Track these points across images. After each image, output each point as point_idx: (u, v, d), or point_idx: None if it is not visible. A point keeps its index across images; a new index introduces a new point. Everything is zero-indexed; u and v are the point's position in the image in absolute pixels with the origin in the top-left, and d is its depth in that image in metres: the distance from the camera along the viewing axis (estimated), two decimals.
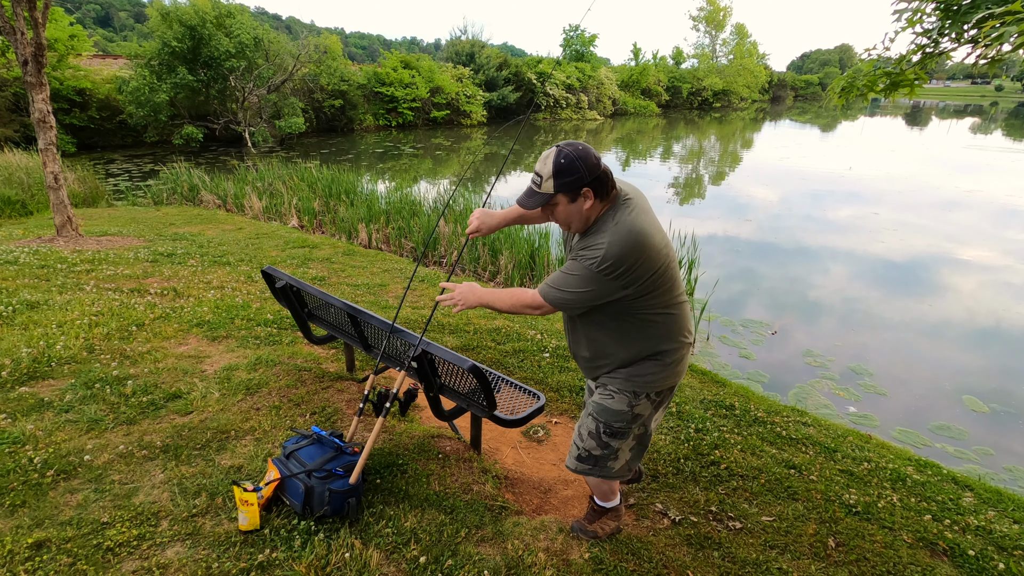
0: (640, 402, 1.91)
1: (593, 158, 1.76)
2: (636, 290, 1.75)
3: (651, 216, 1.85)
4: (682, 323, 1.89)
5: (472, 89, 33.92)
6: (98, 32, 61.61)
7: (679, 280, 1.89)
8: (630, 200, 1.82)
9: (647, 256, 1.74)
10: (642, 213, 1.81)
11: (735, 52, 60.09)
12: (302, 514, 2.04)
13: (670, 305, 1.84)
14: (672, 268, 1.82)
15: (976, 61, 2.80)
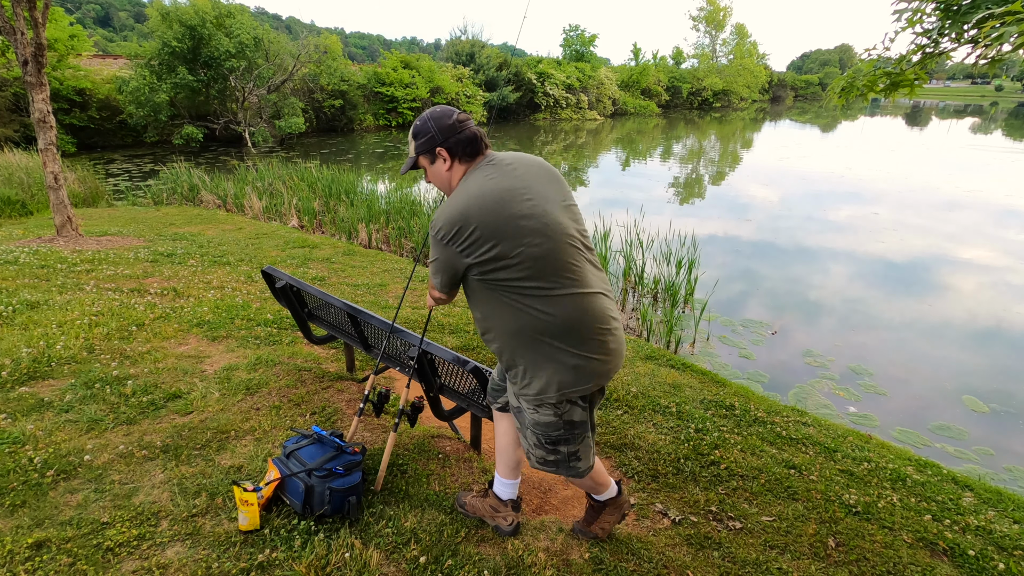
0: (566, 409, 1.73)
1: (449, 118, 1.68)
2: (480, 261, 1.58)
3: (517, 182, 1.62)
4: (581, 326, 1.63)
5: (472, 89, 33.92)
6: (98, 32, 61.61)
7: (570, 268, 1.62)
8: (493, 163, 1.66)
9: (485, 222, 1.56)
10: (502, 177, 1.62)
11: (735, 52, 60.12)
12: (302, 514, 2.04)
13: (553, 295, 1.60)
14: (547, 249, 1.58)
15: (976, 61, 2.80)
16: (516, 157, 1.71)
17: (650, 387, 3.69)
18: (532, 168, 1.69)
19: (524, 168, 1.68)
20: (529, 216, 1.58)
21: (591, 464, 1.90)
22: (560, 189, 1.71)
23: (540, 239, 1.58)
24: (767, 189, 14.73)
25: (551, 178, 1.71)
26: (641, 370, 4.00)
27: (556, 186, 1.70)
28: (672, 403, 3.45)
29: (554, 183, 1.70)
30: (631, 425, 3.14)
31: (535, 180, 1.66)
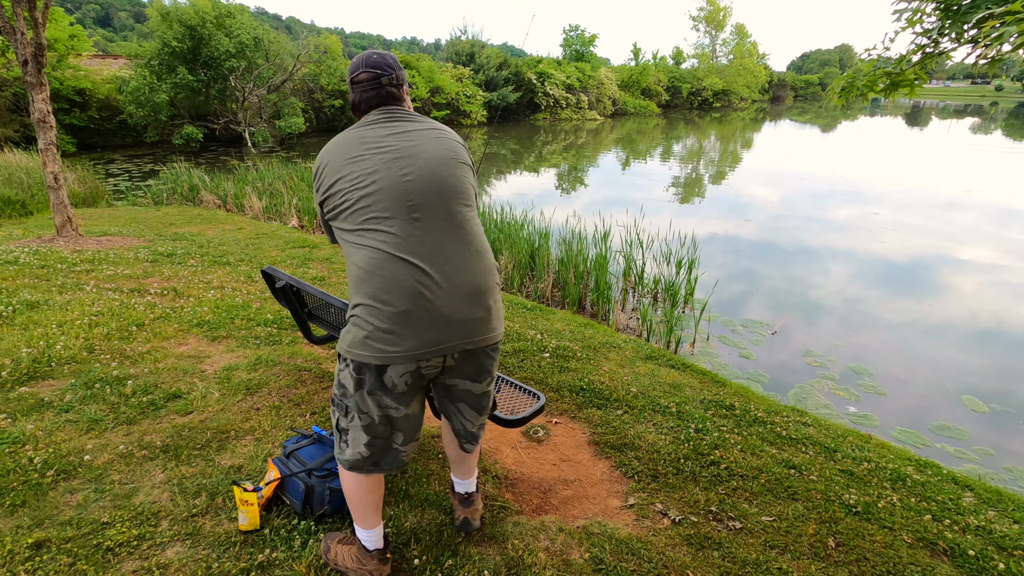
0: (342, 367, 1.58)
1: (351, 70, 1.70)
2: (324, 202, 1.62)
3: (381, 130, 1.61)
4: (374, 270, 1.48)
5: (472, 89, 33.92)
6: (98, 32, 61.62)
7: (383, 198, 1.51)
8: (367, 116, 1.67)
9: (331, 161, 1.58)
10: (365, 126, 1.63)
11: (735, 52, 60.12)
12: (302, 513, 2.04)
13: (358, 231, 1.51)
14: (364, 184, 1.51)
15: (976, 61, 2.80)
16: (410, 116, 1.68)
17: (650, 387, 3.69)
18: (419, 124, 1.66)
19: (412, 123, 1.65)
20: (377, 154, 1.55)
21: (351, 462, 1.66)
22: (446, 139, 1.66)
23: (371, 183, 1.52)
24: (767, 189, 14.73)
25: (448, 139, 1.67)
26: (641, 370, 4.01)
27: (453, 143, 1.67)
28: (672, 403, 3.45)
29: (451, 142, 1.67)
30: (631, 425, 3.15)
31: (412, 137, 1.61)
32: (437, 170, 1.58)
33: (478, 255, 1.59)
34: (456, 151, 1.67)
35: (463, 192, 1.62)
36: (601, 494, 2.59)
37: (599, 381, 3.65)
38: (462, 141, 1.74)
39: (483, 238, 1.65)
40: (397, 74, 1.70)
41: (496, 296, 1.63)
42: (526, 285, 6.96)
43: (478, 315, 1.56)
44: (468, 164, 1.70)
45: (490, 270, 1.62)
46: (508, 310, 5.15)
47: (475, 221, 1.64)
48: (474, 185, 1.70)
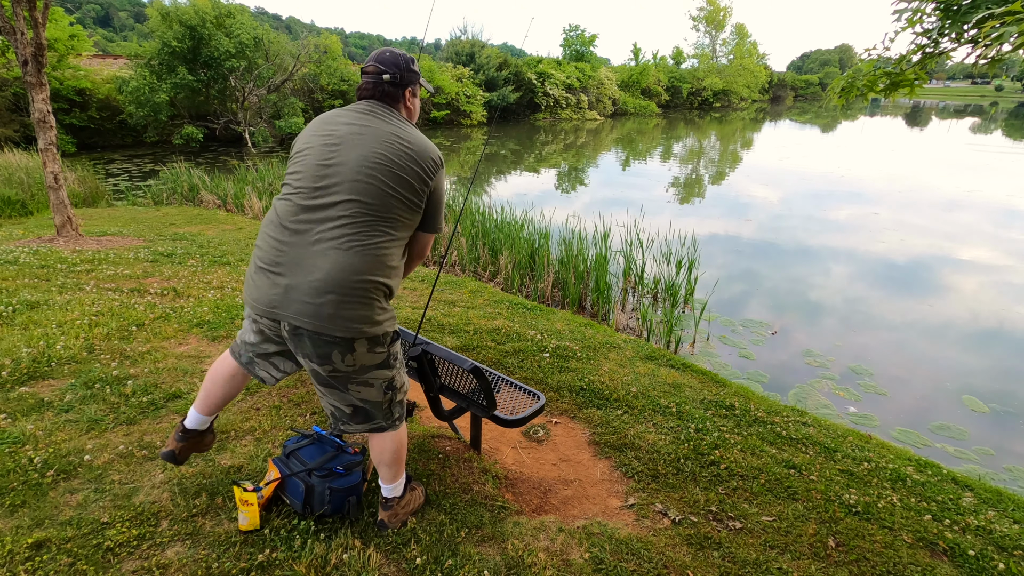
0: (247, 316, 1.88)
1: (367, 60, 1.87)
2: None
3: (340, 115, 1.77)
4: (265, 227, 1.73)
5: (472, 89, 33.92)
6: (98, 32, 61.60)
7: (304, 170, 1.69)
8: (354, 103, 1.82)
9: (302, 134, 1.78)
10: (343, 110, 1.79)
11: (735, 52, 60.12)
12: (302, 513, 2.04)
13: (280, 195, 1.76)
14: (298, 159, 1.73)
15: (976, 61, 2.80)
16: (388, 115, 1.76)
17: (650, 387, 3.69)
18: (387, 125, 1.74)
19: (381, 120, 1.74)
20: (330, 130, 1.72)
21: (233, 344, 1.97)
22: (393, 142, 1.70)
23: (302, 160, 1.72)
24: (767, 189, 14.74)
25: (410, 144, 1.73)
26: (641, 370, 4.01)
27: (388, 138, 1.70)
28: (672, 403, 3.45)
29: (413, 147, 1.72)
30: (631, 425, 3.15)
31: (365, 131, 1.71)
32: (360, 171, 1.65)
33: (347, 256, 1.63)
34: (405, 166, 1.69)
35: (377, 202, 1.66)
36: (601, 494, 2.59)
37: (599, 381, 3.65)
38: (429, 162, 1.75)
39: (373, 249, 1.66)
40: (403, 75, 1.79)
41: (349, 299, 1.64)
42: (526, 285, 6.96)
43: (317, 302, 1.62)
44: (413, 182, 1.71)
45: (352, 274, 1.63)
46: (508, 310, 5.16)
47: (374, 231, 1.66)
48: (411, 204, 1.73)
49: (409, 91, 1.81)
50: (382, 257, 1.68)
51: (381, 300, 1.72)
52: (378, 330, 1.73)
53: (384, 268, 1.69)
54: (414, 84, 1.83)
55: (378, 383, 1.82)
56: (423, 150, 1.74)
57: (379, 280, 1.68)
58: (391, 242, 1.70)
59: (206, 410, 2.04)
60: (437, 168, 1.78)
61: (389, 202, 1.67)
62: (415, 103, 1.87)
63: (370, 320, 1.69)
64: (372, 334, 1.71)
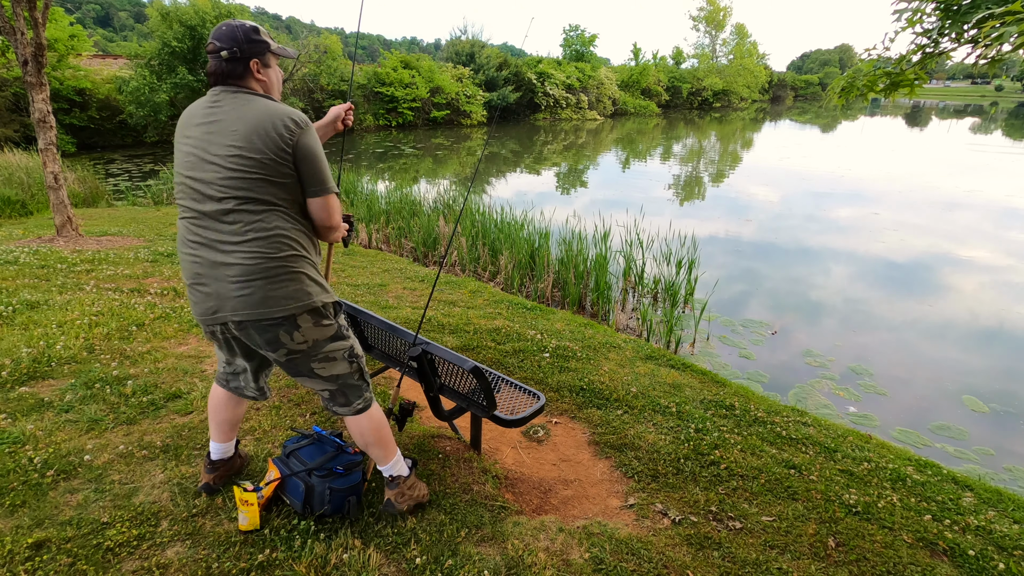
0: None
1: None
2: None
3: (197, 110, 1.74)
4: (179, 248, 1.81)
5: (472, 89, 33.91)
6: (98, 32, 61.58)
7: (180, 186, 1.73)
8: (208, 93, 1.78)
9: (175, 138, 1.80)
10: (197, 105, 1.77)
11: (735, 52, 60.13)
12: (302, 513, 2.04)
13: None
14: (177, 167, 1.74)
15: (976, 61, 2.79)
16: (232, 101, 1.70)
17: (650, 387, 3.69)
18: (236, 107, 1.68)
19: (226, 108, 1.68)
20: (192, 123, 1.72)
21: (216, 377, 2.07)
22: (239, 126, 1.65)
23: (178, 170, 1.73)
24: (767, 189, 14.73)
25: (257, 117, 1.65)
26: (641, 370, 4.01)
27: (234, 124, 1.65)
28: (672, 403, 3.45)
29: (260, 121, 1.65)
30: (631, 425, 3.15)
31: (209, 118, 1.68)
32: (222, 170, 1.65)
33: (251, 246, 1.67)
34: (257, 146, 1.63)
35: (251, 190, 1.65)
36: (601, 494, 2.59)
37: (599, 381, 3.65)
38: (283, 129, 1.65)
39: (270, 232, 1.68)
40: (243, 48, 1.68)
41: (273, 280, 1.69)
42: (526, 285, 6.96)
43: (245, 293, 1.68)
44: (273, 156, 1.64)
45: (264, 260, 1.68)
46: (508, 310, 5.16)
47: (260, 216, 1.67)
48: (279, 178, 1.67)
49: (255, 63, 1.71)
50: (281, 235, 1.70)
51: (305, 273, 1.75)
52: (315, 301, 1.77)
53: (290, 243, 1.72)
54: (262, 55, 1.73)
55: (340, 355, 1.88)
56: (272, 120, 1.65)
57: (290, 255, 1.72)
58: (283, 218, 1.71)
59: (222, 438, 2.15)
60: (294, 132, 1.67)
61: (260, 186, 1.66)
62: (269, 74, 1.77)
63: (303, 293, 1.74)
64: (311, 305, 1.76)
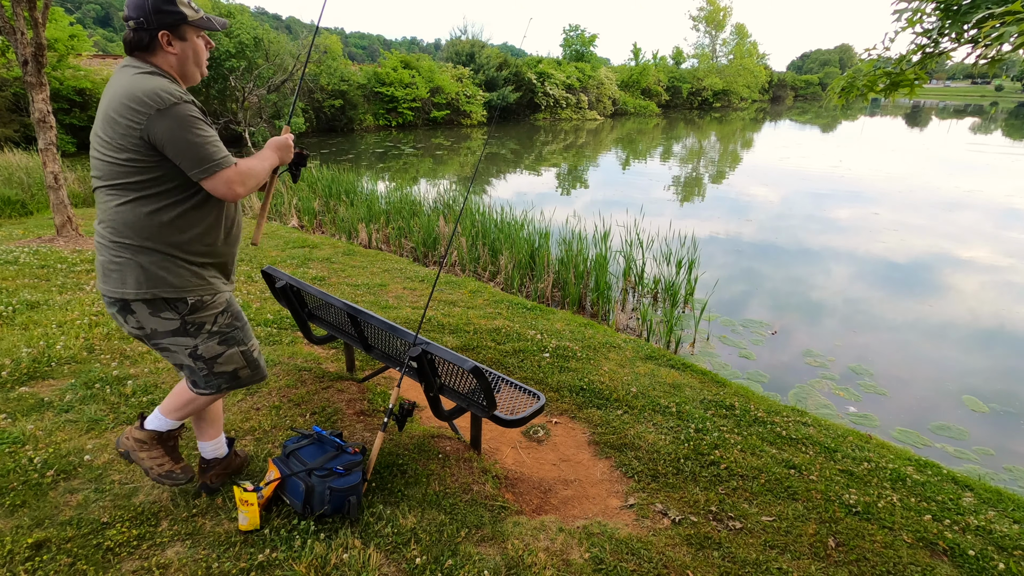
0: None
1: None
2: None
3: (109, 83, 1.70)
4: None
5: (472, 89, 33.90)
6: (98, 32, 61.57)
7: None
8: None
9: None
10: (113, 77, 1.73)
11: (735, 52, 60.12)
12: (302, 513, 2.04)
13: None
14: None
15: (976, 61, 2.79)
16: (117, 76, 1.66)
17: (650, 387, 3.69)
18: (114, 82, 1.65)
19: (112, 83, 1.66)
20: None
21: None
22: (104, 107, 1.62)
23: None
24: (767, 189, 14.73)
25: (114, 97, 1.60)
26: (641, 370, 4.01)
27: (103, 105, 1.64)
28: (672, 403, 3.45)
29: (114, 101, 1.60)
30: (631, 425, 3.15)
31: (108, 91, 1.65)
32: (95, 147, 1.65)
33: (98, 220, 1.72)
34: (108, 111, 1.59)
35: (93, 164, 1.67)
36: (601, 494, 2.59)
37: (599, 381, 3.65)
38: (135, 107, 1.55)
39: (124, 215, 1.66)
40: (149, 18, 1.59)
41: (105, 258, 1.71)
42: (526, 285, 6.96)
43: (97, 264, 1.76)
44: (123, 127, 1.56)
45: (101, 234, 1.70)
46: (508, 310, 5.16)
47: (117, 198, 1.64)
48: (115, 157, 1.60)
49: (164, 35, 1.61)
50: (134, 222, 1.66)
51: (155, 263, 1.69)
52: (156, 294, 1.71)
53: (143, 231, 1.66)
54: (175, 27, 1.62)
55: (180, 350, 1.82)
56: (123, 101, 1.56)
57: (138, 245, 1.67)
58: (138, 204, 1.64)
59: (205, 434, 2.15)
60: (147, 111, 1.54)
61: (112, 169, 1.62)
62: (182, 47, 1.65)
63: (143, 283, 1.70)
64: (146, 297, 1.71)
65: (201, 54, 1.74)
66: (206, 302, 1.80)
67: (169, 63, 1.67)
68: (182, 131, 1.57)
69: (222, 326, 1.86)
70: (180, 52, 1.67)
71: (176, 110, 1.56)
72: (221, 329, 1.86)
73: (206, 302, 1.80)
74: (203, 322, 1.81)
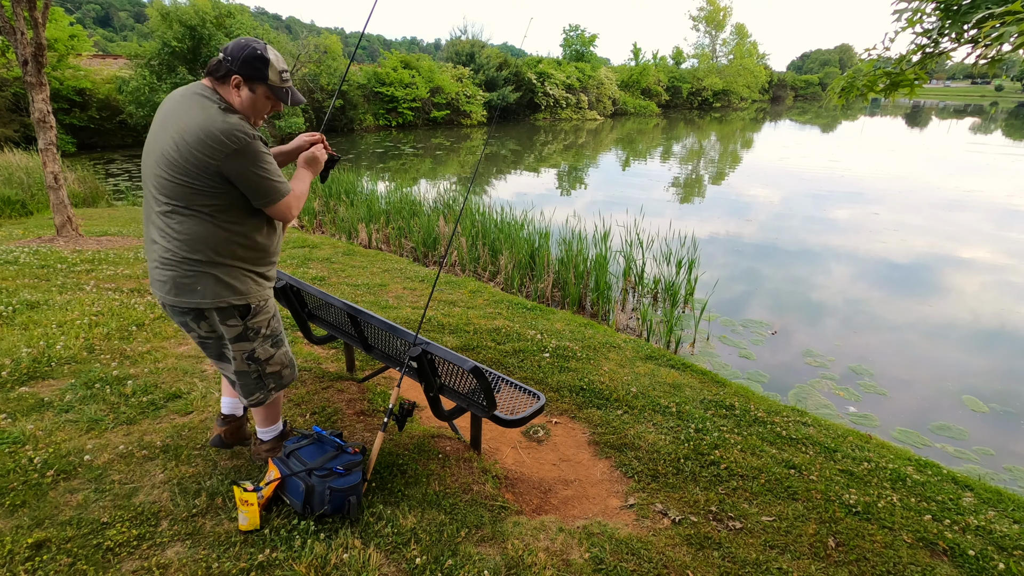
0: None
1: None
2: None
3: (165, 100, 1.89)
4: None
5: (472, 89, 33.91)
6: (98, 32, 61.58)
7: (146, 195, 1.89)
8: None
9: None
10: (169, 96, 1.92)
11: (735, 52, 60.10)
12: (302, 513, 2.04)
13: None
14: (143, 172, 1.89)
15: (976, 61, 2.80)
16: (190, 99, 1.81)
17: (650, 387, 3.69)
18: (174, 104, 1.82)
19: (170, 102, 1.84)
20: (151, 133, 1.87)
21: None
22: (176, 132, 1.75)
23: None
24: (767, 189, 14.73)
25: (188, 128, 1.74)
26: (641, 370, 4.01)
27: (174, 128, 1.76)
28: (672, 403, 3.45)
29: (188, 133, 1.73)
30: (631, 425, 3.15)
31: (167, 114, 1.82)
32: (155, 158, 1.79)
33: (165, 238, 1.83)
34: (183, 138, 1.72)
35: (159, 184, 1.79)
36: (601, 494, 2.59)
37: (599, 381, 3.65)
38: (217, 133, 1.72)
39: (179, 225, 1.80)
40: (236, 61, 1.79)
41: (179, 272, 1.85)
42: (526, 285, 6.96)
43: (162, 279, 1.87)
44: (199, 159, 1.72)
45: (172, 252, 1.83)
46: (508, 310, 5.16)
47: (175, 219, 1.80)
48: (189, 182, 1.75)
49: (236, 79, 1.79)
50: (208, 239, 1.82)
51: (227, 274, 1.88)
52: (229, 301, 1.91)
53: (217, 246, 1.84)
54: (249, 82, 1.81)
55: (239, 355, 2.03)
56: (207, 133, 1.72)
57: (212, 259, 1.84)
58: (212, 223, 1.82)
59: (228, 392, 2.33)
60: (224, 150, 1.73)
61: (185, 192, 1.77)
62: (243, 95, 1.83)
63: (218, 293, 1.88)
64: (220, 305, 1.91)
65: (260, 110, 1.90)
66: (261, 307, 2.02)
67: (232, 99, 1.84)
68: (252, 169, 1.80)
69: (273, 329, 2.10)
70: (243, 99, 1.85)
71: (248, 150, 1.77)
72: (272, 332, 2.10)
73: (261, 307, 2.02)
74: (259, 326, 2.04)
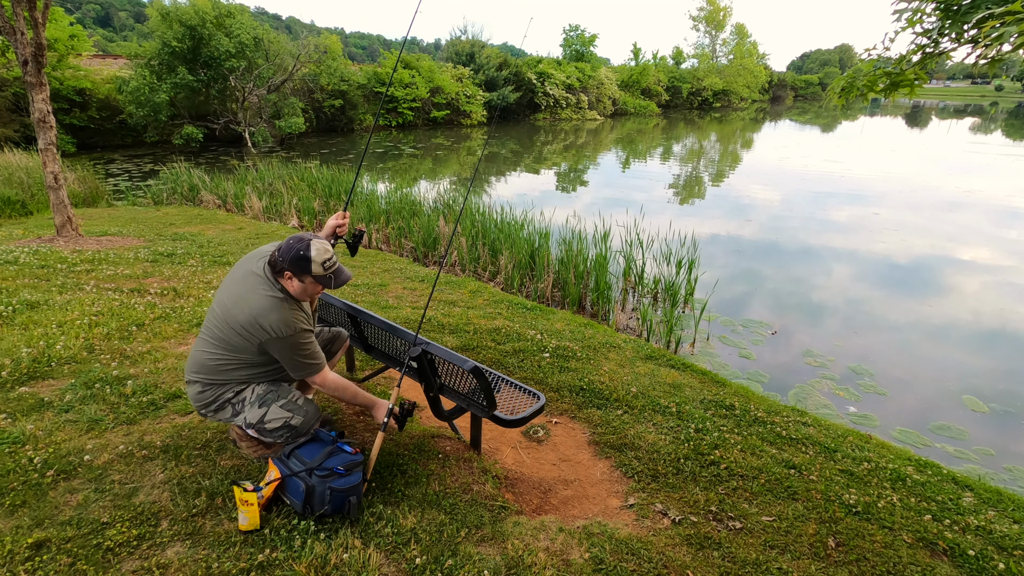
0: None
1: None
2: None
3: (234, 268, 2.32)
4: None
5: (472, 89, 33.91)
6: (98, 32, 61.58)
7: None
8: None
9: None
10: (237, 265, 2.35)
11: (735, 52, 60.09)
12: (302, 513, 2.04)
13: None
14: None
15: (976, 61, 2.79)
16: (254, 280, 2.20)
17: (650, 387, 3.69)
18: (249, 287, 2.18)
19: (249, 282, 2.19)
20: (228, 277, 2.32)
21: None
22: (243, 319, 2.13)
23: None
24: (767, 189, 14.73)
25: (246, 307, 2.13)
26: (641, 370, 4.00)
27: (242, 313, 2.14)
28: (672, 403, 3.45)
29: (243, 311, 2.13)
30: (631, 425, 3.15)
31: (232, 287, 2.23)
32: (220, 318, 2.20)
33: (200, 368, 2.25)
34: (244, 323, 2.12)
35: (215, 337, 2.20)
36: (601, 494, 2.59)
37: (599, 381, 3.65)
38: (265, 324, 2.10)
39: (215, 364, 2.22)
40: (282, 261, 2.14)
41: (200, 389, 2.26)
42: (526, 285, 6.96)
43: (192, 392, 2.29)
44: (245, 338, 2.14)
45: (203, 384, 2.25)
46: (508, 310, 5.16)
47: (217, 354, 2.22)
48: (234, 348, 2.17)
49: (288, 273, 2.14)
50: (216, 366, 2.23)
51: (225, 397, 2.26)
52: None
53: (219, 374, 2.23)
54: (298, 275, 2.14)
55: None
56: (256, 320, 2.11)
57: (218, 381, 2.24)
58: (225, 361, 2.23)
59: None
60: (267, 336, 2.11)
61: (223, 336, 2.19)
62: (294, 286, 2.16)
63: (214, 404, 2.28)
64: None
65: (311, 294, 2.24)
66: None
67: (288, 287, 2.18)
68: (292, 354, 2.19)
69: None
70: (295, 287, 2.18)
71: (291, 339, 2.15)
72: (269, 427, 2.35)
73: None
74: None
